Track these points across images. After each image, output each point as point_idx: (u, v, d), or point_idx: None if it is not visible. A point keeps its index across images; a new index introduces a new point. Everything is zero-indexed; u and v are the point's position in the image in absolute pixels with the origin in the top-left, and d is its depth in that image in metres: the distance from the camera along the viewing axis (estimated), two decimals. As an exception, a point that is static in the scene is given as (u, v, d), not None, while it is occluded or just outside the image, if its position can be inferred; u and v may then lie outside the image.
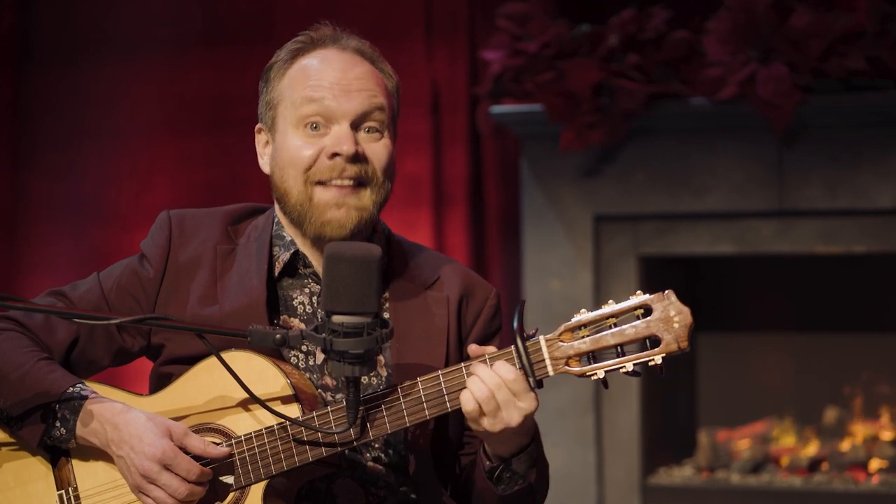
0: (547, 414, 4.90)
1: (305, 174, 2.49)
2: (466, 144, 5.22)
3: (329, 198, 2.49)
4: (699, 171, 4.84)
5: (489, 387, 2.31)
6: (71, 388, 2.44)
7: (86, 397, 2.43)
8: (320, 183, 2.49)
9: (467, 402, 2.32)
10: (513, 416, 2.32)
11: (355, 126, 2.50)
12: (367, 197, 2.50)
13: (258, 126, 2.60)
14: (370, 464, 2.53)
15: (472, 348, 2.39)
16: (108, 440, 2.40)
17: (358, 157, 2.49)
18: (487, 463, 2.44)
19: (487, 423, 2.33)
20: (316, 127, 2.50)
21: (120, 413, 2.40)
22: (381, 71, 2.56)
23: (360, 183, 2.50)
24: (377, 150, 2.52)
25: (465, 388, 2.33)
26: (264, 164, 2.60)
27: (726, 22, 4.67)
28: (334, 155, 2.48)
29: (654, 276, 5.03)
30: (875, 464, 5.04)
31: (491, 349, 2.38)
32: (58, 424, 2.43)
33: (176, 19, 5.44)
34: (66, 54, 5.51)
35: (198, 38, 5.42)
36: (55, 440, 2.45)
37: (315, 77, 2.51)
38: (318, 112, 2.49)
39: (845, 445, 5.11)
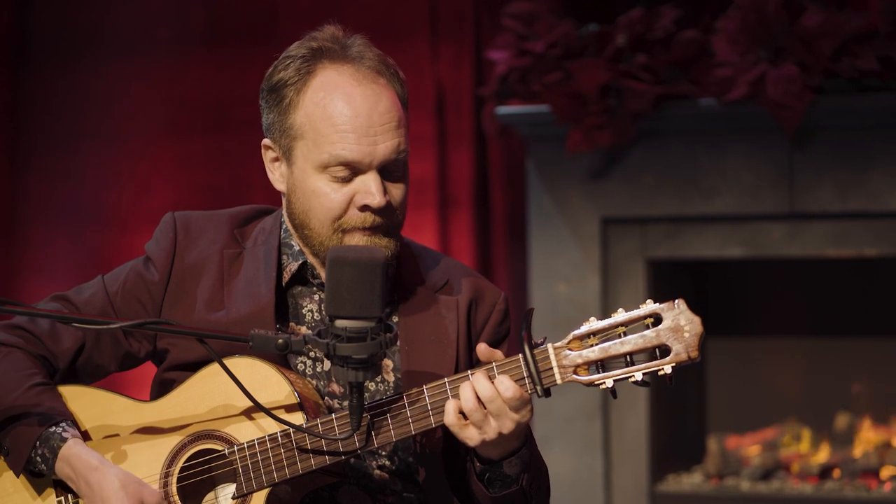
0: (554, 420, 4.89)
1: (336, 223, 2.47)
2: (472, 146, 5.21)
3: (357, 242, 2.47)
4: (708, 173, 4.83)
5: (481, 396, 2.30)
6: (53, 428, 2.42)
7: (65, 440, 2.41)
8: (350, 231, 2.47)
9: (448, 413, 2.32)
10: (505, 425, 2.32)
11: (381, 170, 2.47)
12: (390, 237, 2.49)
13: (266, 142, 2.55)
14: (376, 472, 2.51)
15: (482, 348, 2.37)
16: (81, 493, 2.40)
17: (384, 207, 2.47)
18: (478, 465, 2.43)
19: (475, 435, 2.32)
20: (343, 175, 2.47)
21: (94, 470, 2.38)
22: (394, 85, 2.51)
23: (383, 227, 2.48)
24: (399, 193, 2.50)
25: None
26: (276, 180, 2.55)
27: (736, 21, 4.66)
28: (364, 207, 2.46)
29: (663, 279, 5.02)
30: (887, 471, 5.02)
31: (499, 353, 2.37)
32: (38, 461, 2.42)
33: (176, 19, 5.44)
34: (64, 54, 5.50)
35: (198, 39, 5.41)
36: (37, 473, 2.45)
37: (340, 122, 2.44)
38: (347, 165, 2.45)
39: (857, 452, 5.10)
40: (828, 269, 5.13)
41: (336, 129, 2.44)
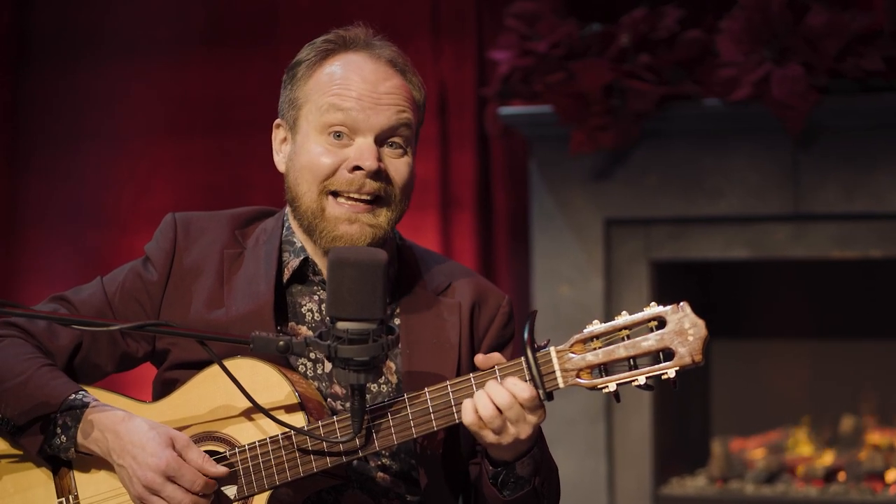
0: (557, 423, 4.87)
1: (322, 183, 2.47)
2: (474, 147, 5.19)
3: (341, 213, 2.46)
4: (712, 174, 4.81)
5: (498, 404, 2.29)
6: (73, 396, 2.41)
7: (87, 404, 2.40)
8: (335, 194, 2.46)
9: (467, 413, 2.30)
10: (523, 430, 2.31)
11: (379, 140, 2.48)
12: (382, 215, 2.48)
13: (277, 121, 2.57)
14: (379, 474, 2.50)
15: (479, 359, 2.35)
16: (110, 449, 2.37)
17: (379, 174, 2.46)
18: (490, 468, 2.42)
19: (492, 437, 2.31)
20: (339, 136, 2.47)
21: (121, 421, 2.38)
22: (411, 83, 2.53)
23: (376, 200, 2.47)
24: (399, 167, 2.49)
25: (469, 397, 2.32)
26: (279, 160, 2.57)
27: (740, 21, 4.65)
28: (356, 168, 2.45)
29: (667, 281, 5.00)
30: (893, 474, 5.00)
31: (497, 356, 2.36)
32: (58, 432, 2.41)
33: (176, 19, 5.43)
34: (64, 54, 5.49)
35: (199, 39, 5.41)
36: (55, 449, 2.42)
37: (344, 84, 2.47)
38: (344, 122, 2.46)
39: (862, 455, 5.08)
40: (833, 270, 5.11)
41: (338, 85, 2.47)
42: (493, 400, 2.28)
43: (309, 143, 2.48)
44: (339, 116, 2.45)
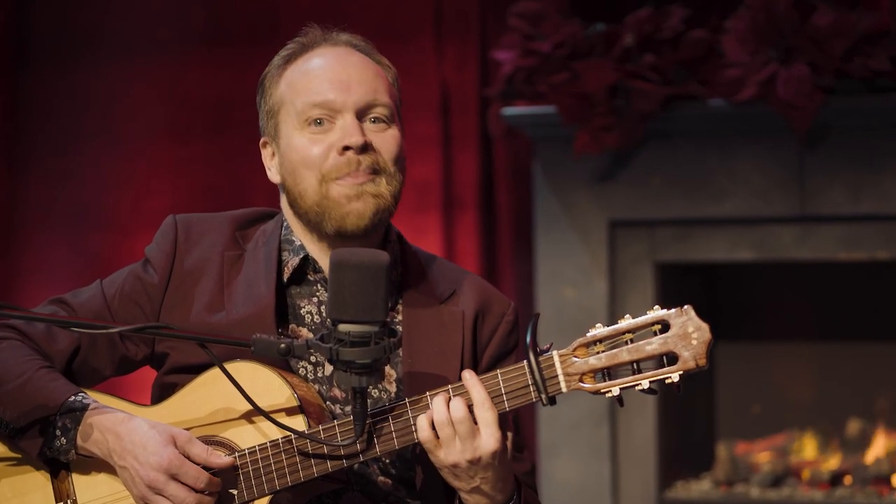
0: (561, 426, 4.86)
1: (320, 172, 2.46)
2: (477, 147, 5.18)
3: (346, 190, 2.45)
4: (718, 175, 4.80)
5: (450, 415, 2.28)
6: (72, 398, 2.41)
7: (87, 406, 2.39)
8: (336, 179, 2.46)
9: (421, 429, 2.30)
10: (468, 448, 2.29)
11: (360, 117, 2.48)
12: (382, 185, 2.47)
13: (263, 140, 2.57)
14: (380, 478, 2.49)
15: (465, 376, 2.33)
16: (110, 450, 2.36)
17: (367, 148, 2.46)
18: None
19: (443, 455, 2.30)
20: (321, 122, 2.47)
21: (122, 422, 2.36)
22: (378, 62, 2.54)
23: (374, 172, 2.46)
24: (386, 139, 2.49)
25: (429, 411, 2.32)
26: (273, 175, 2.57)
27: (746, 21, 4.64)
28: (345, 149, 2.45)
29: (672, 283, 5.00)
30: (899, 477, 5.01)
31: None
32: (58, 434, 2.39)
33: (176, 19, 5.43)
34: (64, 54, 5.49)
35: (198, 39, 5.41)
36: (55, 451, 2.41)
37: (313, 74, 2.49)
38: (321, 107, 2.46)
39: (869, 458, 5.08)
40: (839, 272, 5.11)
41: (310, 79, 2.48)
42: (449, 409, 2.29)
43: (293, 140, 2.48)
44: (316, 103, 2.46)
